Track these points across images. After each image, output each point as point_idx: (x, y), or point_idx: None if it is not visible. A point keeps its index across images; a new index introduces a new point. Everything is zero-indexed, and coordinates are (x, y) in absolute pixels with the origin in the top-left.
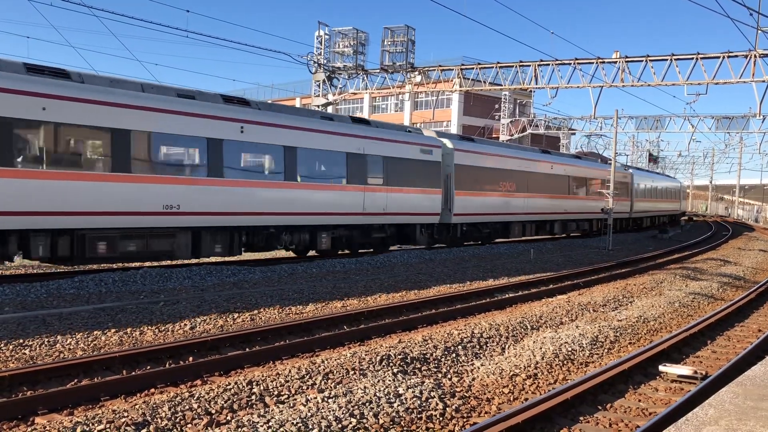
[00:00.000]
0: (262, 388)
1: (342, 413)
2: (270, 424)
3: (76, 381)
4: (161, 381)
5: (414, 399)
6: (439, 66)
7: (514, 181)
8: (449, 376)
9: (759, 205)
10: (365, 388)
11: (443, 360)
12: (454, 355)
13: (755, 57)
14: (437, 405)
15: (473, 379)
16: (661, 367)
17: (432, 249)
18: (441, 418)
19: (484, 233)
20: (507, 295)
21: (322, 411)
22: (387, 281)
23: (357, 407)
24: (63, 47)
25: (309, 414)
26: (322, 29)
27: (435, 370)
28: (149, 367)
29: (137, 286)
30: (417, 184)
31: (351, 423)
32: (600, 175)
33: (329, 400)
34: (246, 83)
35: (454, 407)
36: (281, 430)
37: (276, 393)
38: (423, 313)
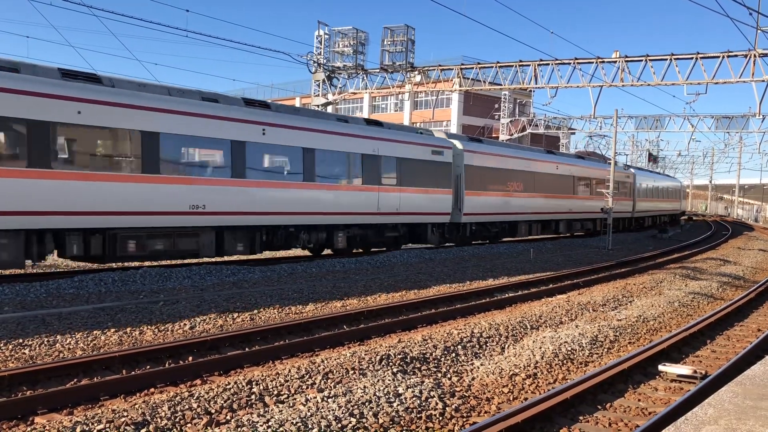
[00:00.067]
0: (261, 387)
1: (342, 413)
2: (270, 423)
3: (75, 381)
4: (161, 380)
5: (414, 398)
6: (439, 66)
7: (521, 182)
8: (449, 375)
9: (759, 205)
10: (365, 387)
11: (443, 359)
12: (453, 355)
13: (755, 56)
14: (437, 404)
15: (473, 379)
16: (661, 367)
17: (431, 249)
18: (441, 417)
19: (492, 232)
20: (507, 295)
21: (321, 411)
22: (387, 281)
23: (357, 407)
24: (63, 47)
25: (309, 414)
26: (321, 29)
27: (435, 369)
28: (149, 367)
29: (137, 285)
30: (429, 184)
31: (351, 422)
32: (603, 176)
33: (329, 399)
34: (245, 83)
35: (453, 407)
36: (281, 429)
37: (276, 393)
38: (423, 313)
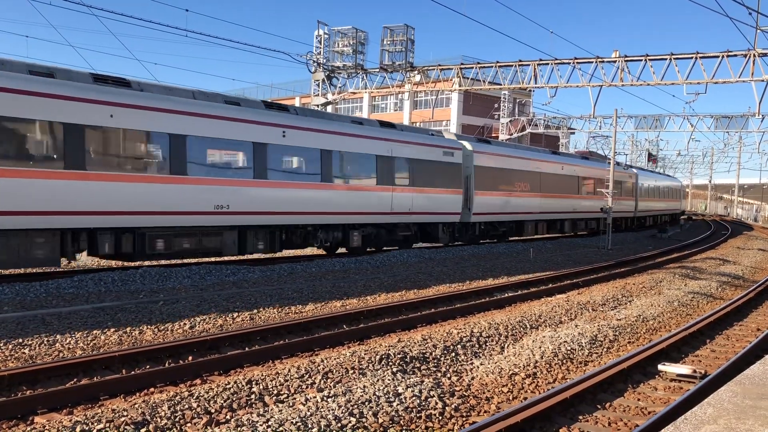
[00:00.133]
0: (261, 387)
1: (341, 412)
2: (269, 423)
3: (75, 380)
4: (161, 380)
5: (413, 398)
6: (439, 65)
7: (528, 182)
8: (448, 375)
9: (758, 205)
10: (365, 387)
11: (442, 359)
12: (453, 355)
13: (754, 56)
14: (437, 404)
15: (472, 379)
16: (661, 366)
17: (431, 249)
18: (440, 417)
19: (500, 231)
20: (506, 295)
21: (321, 410)
22: (386, 280)
23: (356, 406)
24: (62, 47)
25: (308, 413)
26: (321, 28)
27: (434, 369)
28: (149, 367)
29: (136, 285)
30: (440, 184)
31: (350, 422)
32: (606, 176)
33: (329, 399)
34: (245, 82)
35: (453, 406)
36: (281, 429)
37: (275, 392)
38: (422, 313)
